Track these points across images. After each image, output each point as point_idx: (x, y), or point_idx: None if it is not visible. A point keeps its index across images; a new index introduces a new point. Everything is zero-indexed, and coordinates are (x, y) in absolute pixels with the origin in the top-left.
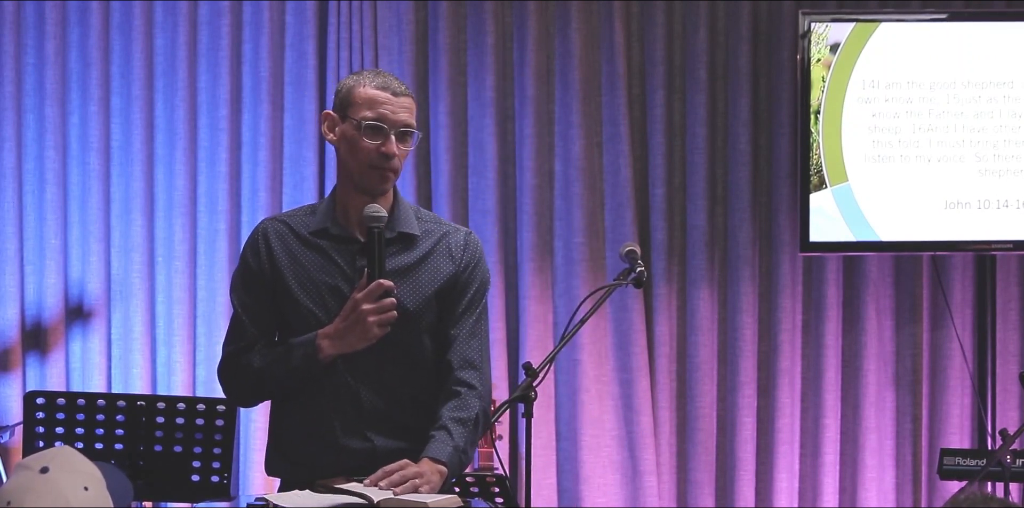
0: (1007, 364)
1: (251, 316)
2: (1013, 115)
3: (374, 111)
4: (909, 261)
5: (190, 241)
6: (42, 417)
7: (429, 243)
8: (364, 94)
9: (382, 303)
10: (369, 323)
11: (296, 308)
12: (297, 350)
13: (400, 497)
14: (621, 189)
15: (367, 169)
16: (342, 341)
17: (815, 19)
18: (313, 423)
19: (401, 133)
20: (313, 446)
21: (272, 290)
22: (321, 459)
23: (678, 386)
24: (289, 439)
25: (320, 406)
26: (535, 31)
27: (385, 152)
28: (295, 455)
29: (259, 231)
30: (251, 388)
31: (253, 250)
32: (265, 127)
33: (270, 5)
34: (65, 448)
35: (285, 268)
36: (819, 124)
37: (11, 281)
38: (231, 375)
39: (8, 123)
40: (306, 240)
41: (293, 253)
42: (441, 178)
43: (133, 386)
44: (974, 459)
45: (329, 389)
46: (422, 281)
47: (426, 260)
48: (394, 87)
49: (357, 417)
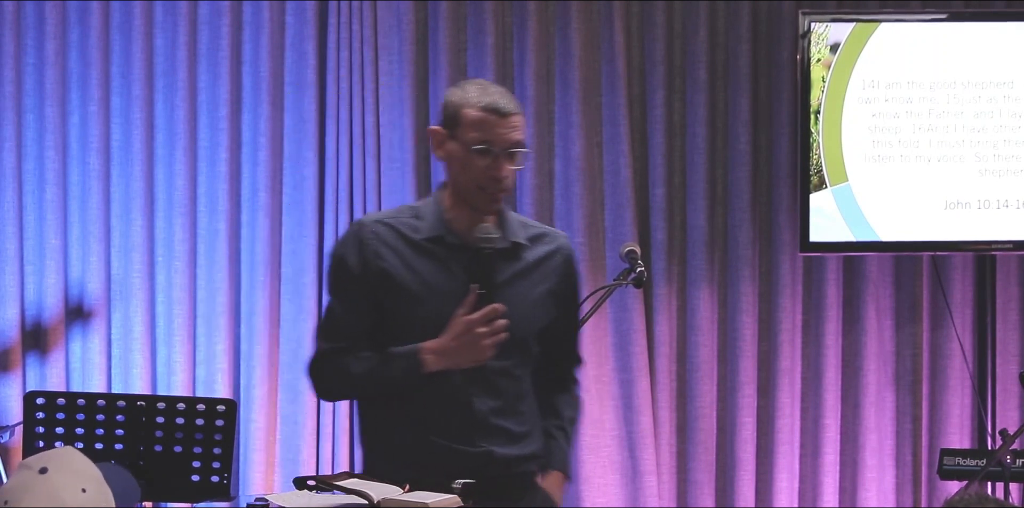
0: (1007, 364)
1: (350, 318)
2: (1013, 115)
3: (483, 134)
4: (909, 261)
5: (190, 241)
6: (42, 417)
7: (537, 250)
8: (471, 116)
9: (495, 326)
10: (483, 346)
11: (408, 312)
12: (398, 361)
13: (400, 497)
14: (621, 189)
15: (477, 190)
16: (449, 359)
17: (815, 19)
18: (422, 428)
19: (510, 153)
20: (423, 451)
21: (375, 293)
22: (433, 463)
23: (678, 386)
24: (395, 443)
25: (430, 411)
26: (535, 31)
27: (494, 175)
28: (403, 459)
29: (363, 232)
30: (343, 390)
31: (357, 251)
32: (265, 127)
33: (270, 5)
34: (67, 449)
35: (397, 272)
36: (819, 124)
37: (11, 281)
38: (324, 374)
39: (8, 123)
40: (418, 245)
41: (404, 257)
42: (441, 178)
43: (133, 386)
44: (974, 459)
45: (440, 395)
46: (533, 288)
47: (536, 267)
48: (501, 107)
49: (469, 423)
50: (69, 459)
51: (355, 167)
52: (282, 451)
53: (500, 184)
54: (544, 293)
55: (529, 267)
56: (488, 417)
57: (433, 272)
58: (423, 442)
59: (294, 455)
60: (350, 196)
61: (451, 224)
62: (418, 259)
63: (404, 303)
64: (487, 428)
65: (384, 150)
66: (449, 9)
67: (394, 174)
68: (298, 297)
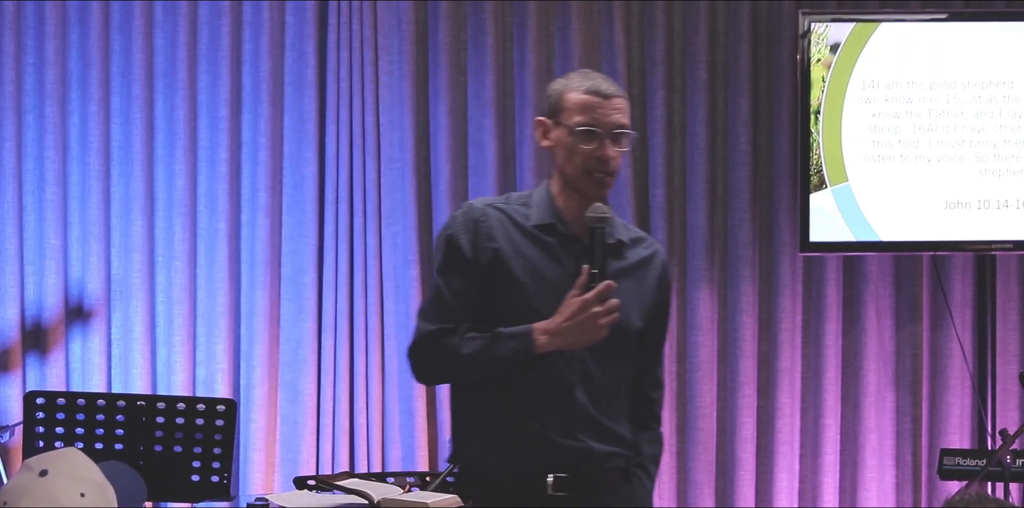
0: (1007, 364)
1: (459, 300)
2: (1013, 115)
3: (586, 116)
4: (909, 261)
5: (190, 241)
6: (42, 417)
7: (638, 252)
8: (575, 99)
9: (609, 304)
10: (599, 324)
11: (516, 298)
12: (509, 341)
13: (400, 497)
14: (621, 189)
15: (584, 174)
16: (563, 339)
17: (815, 19)
18: (522, 417)
19: (615, 135)
20: (522, 441)
21: (485, 276)
22: (532, 455)
23: (678, 386)
24: (490, 430)
25: (530, 401)
26: (535, 31)
27: (600, 156)
28: (501, 449)
29: (476, 215)
30: (447, 371)
31: (470, 233)
32: (265, 127)
33: (270, 5)
34: (71, 451)
35: (509, 257)
36: (819, 124)
37: (11, 281)
38: (428, 355)
39: (8, 123)
40: (528, 232)
41: (515, 243)
42: (441, 178)
43: (133, 386)
44: (974, 459)
45: (541, 384)
46: (635, 288)
47: (638, 268)
48: (604, 89)
49: (569, 415)
50: (71, 462)
51: (355, 167)
52: (282, 451)
53: (606, 166)
54: (643, 295)
55: (632, 267)
56: (588, 409)
57: (542, 259)
58: (519, 431)
59: (294, 455)
60: (350, 196)
61: (562, 213)
62: (528, 246)
63: (511, 287)
64: (586, 421)
65: (384, 150)
66: (449, 9)
67: (394, 174)
68: (298, 297)
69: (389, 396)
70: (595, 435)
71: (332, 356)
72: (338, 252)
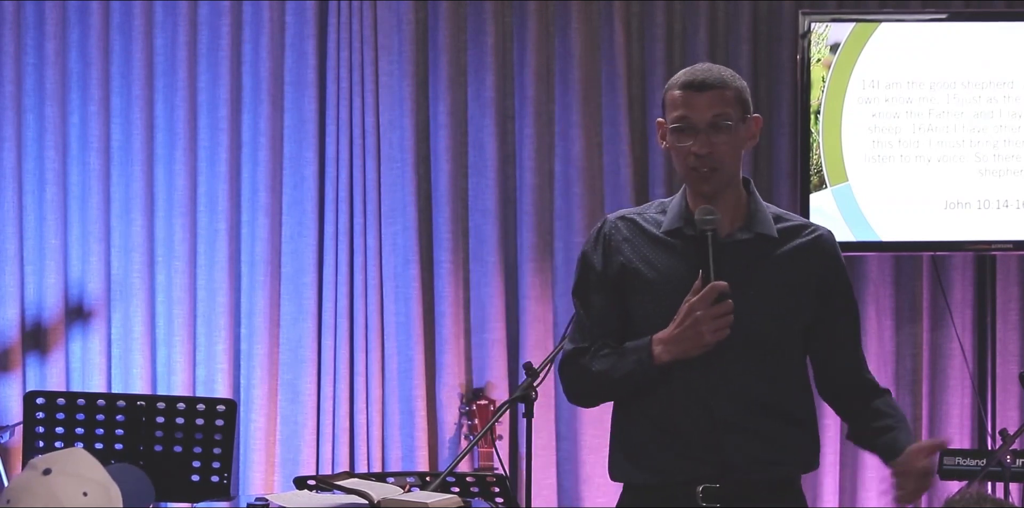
0: (1007, 364)
1: (594, 318)
2: (1013, 115)
3: (677, 112)
4: (909, 261)
5: (190, 241)
6: (42, 417)
7: (790, 243)
8: (671, 96)
9: (716, 308)
10: (703, 329)
11: (650, 307)
12: (631, 355)
13: (400, 497)
14: (621, 189)
15: (689, 172)
16: (676, 347)
17: (815, 19)
18: (662, 430)
19: (713, 126)
20: (665, 454)
21: (618, 289)
22: (675, 466)
23: None
24: (637, 445)
25: (670, 413)
26: (535, 31)
27: (695, 152)
28: (646, 462)
29: (606, 230)
30: (587, 390)
31: (599, 249)
32: (265, 127)
33: (270, 5)
34: (76, 451)
35: (636, 267)
36: (819, 124)
37: (11, 281)
38: (567, 375)
39: (8, 123)
40: (657, 239)
41: (642, 253)
42: (441, 178)
43: (133, 386)
44: (974, 459)
45: (678, 395)
46: (779, 282)
47: (785, 261)
48: (698, 81)
49: (709, 426)
50: (75, 461)
51: (355, 167)
52: (282, 451)
53: (705, 160)
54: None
55: (776, 261)
56: (730, 418)
57: (671, 265)
58: (661, 445)
59: (294, 455)
60: (350, 196)
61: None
62: (657, 253)
63: (644, 297)
64: (729, 430)
65: (384, 150)
66: (449, 9)
67: (394, 174)
68: (298, 297)
69: (389, 396)
70: (738, 439)
71: (332, 356)
72: (338, 252)
